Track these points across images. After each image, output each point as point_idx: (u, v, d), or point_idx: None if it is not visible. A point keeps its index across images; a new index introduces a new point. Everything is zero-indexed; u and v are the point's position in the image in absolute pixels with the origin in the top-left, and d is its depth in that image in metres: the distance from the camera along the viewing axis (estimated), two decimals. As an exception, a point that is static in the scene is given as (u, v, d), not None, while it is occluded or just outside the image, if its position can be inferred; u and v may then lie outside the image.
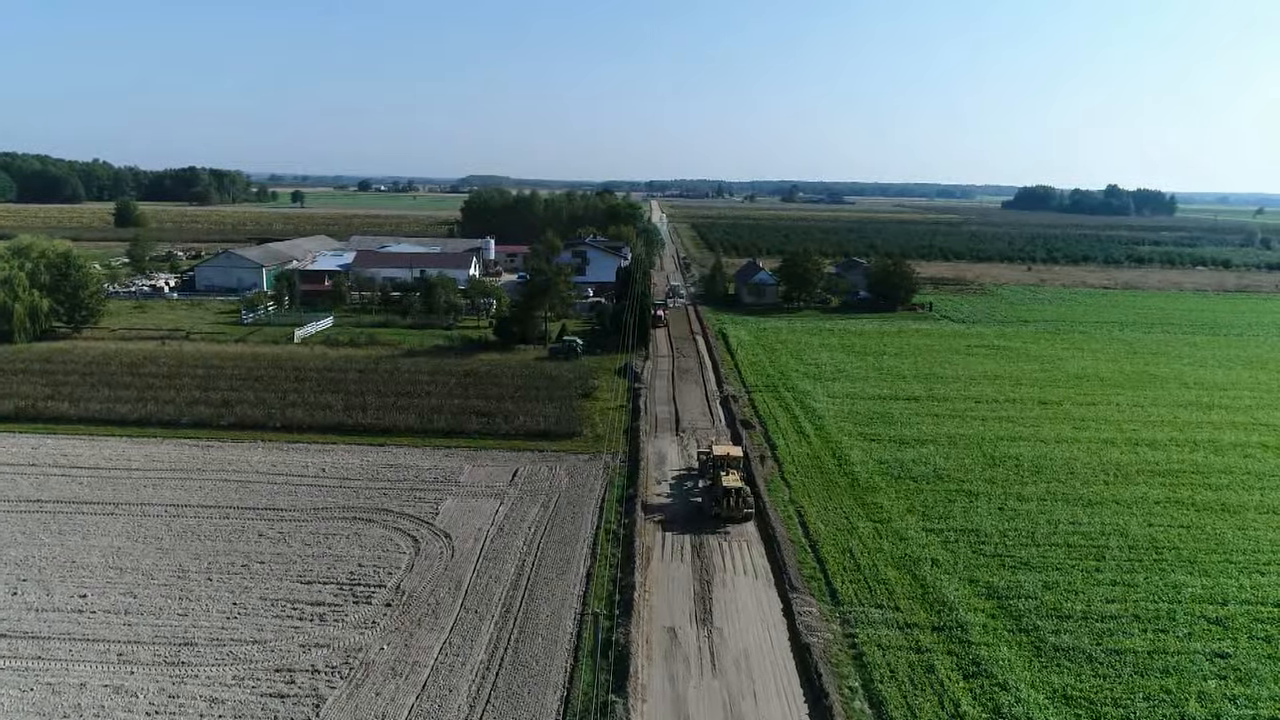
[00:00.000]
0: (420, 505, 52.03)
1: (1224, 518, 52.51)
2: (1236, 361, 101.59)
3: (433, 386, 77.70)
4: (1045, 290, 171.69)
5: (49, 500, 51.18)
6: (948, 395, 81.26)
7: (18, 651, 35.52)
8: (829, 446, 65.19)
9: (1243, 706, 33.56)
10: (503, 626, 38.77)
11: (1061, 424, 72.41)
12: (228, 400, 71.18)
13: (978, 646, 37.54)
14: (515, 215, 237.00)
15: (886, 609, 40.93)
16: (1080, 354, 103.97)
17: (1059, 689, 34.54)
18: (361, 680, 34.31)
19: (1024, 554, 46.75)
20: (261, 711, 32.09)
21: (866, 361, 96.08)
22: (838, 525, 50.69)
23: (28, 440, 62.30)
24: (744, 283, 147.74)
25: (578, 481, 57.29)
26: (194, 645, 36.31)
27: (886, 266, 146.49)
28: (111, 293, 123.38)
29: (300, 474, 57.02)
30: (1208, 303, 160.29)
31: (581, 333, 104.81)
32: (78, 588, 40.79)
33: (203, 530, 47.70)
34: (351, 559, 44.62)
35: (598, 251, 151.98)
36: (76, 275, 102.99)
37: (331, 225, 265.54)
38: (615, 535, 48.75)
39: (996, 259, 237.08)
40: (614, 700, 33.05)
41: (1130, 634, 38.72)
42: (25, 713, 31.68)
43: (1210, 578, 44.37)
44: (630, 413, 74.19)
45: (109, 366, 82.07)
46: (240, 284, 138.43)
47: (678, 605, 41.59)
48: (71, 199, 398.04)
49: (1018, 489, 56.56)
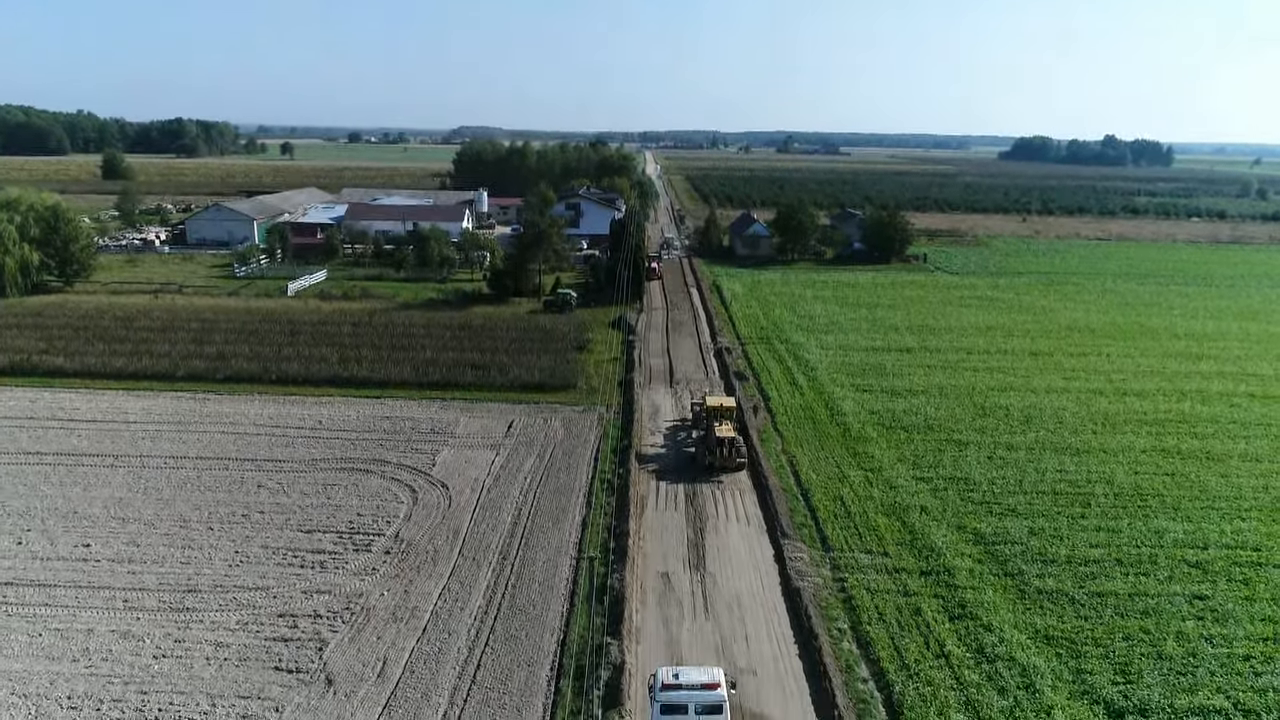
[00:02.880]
0: (417, 456, 52.65)
1: (1208, 466, 53.47)
2: (1227, 313, 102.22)
3: (427, 339, 77.92)
4: (1039, 242, 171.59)
5: (48, 452, 51.65)
6: (940, 346, 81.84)
7: (25, 599, 36.25)
8: (821, 397, 65.85)
9: (1218, 645, 34.65)
10: (500, 573, 39.62)
11: (1052, 374, 73.15)
12: (223, 354, 71.40)
13: (963, 590, 38.54)
14: (508, 167, 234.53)
15: (876, 554, 41.87)
16: (1072, 305, 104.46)
17: (1041, 630, 35.58)
18: (363, 625, 35.17)
19: (1011, 501, 47.69)
20: (266, 655, 32.95)
21: (860, 313, 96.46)
22: (829, 474, 51.52)
23: (24, 394, 62.58)
24: (738, 235, 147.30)
25: (573, 433, 57.93)
26: (198, 592, 37.09)
27: (881, 218, 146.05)
28: (102, 246, 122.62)
29: (297, 426, 57.52)
30: (1201, 254, 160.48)
31: (575, 285, 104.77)
32: (81, 537, 41.44)
33: (202, 481, 48.30)
34: (350, 509, 45.32)
35: (591, 204, 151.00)
36: (66, 229, 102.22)
37: (322, 178, 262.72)
38: (610, 484, 49.51)
39: (991, 210, 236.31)
40: (609, 642, 33.99)
41: (1112, 577, 39.75)
42: (35, 657, 32.49)
43: (1192, 523, 45.39)
44: (624, 365, 74.68)
45: (102, 320, 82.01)
46: (231, 237, 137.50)
47: (671, 551, 42.48)
48: (57, 151, 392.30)
49: (1007, 438, 57.39)
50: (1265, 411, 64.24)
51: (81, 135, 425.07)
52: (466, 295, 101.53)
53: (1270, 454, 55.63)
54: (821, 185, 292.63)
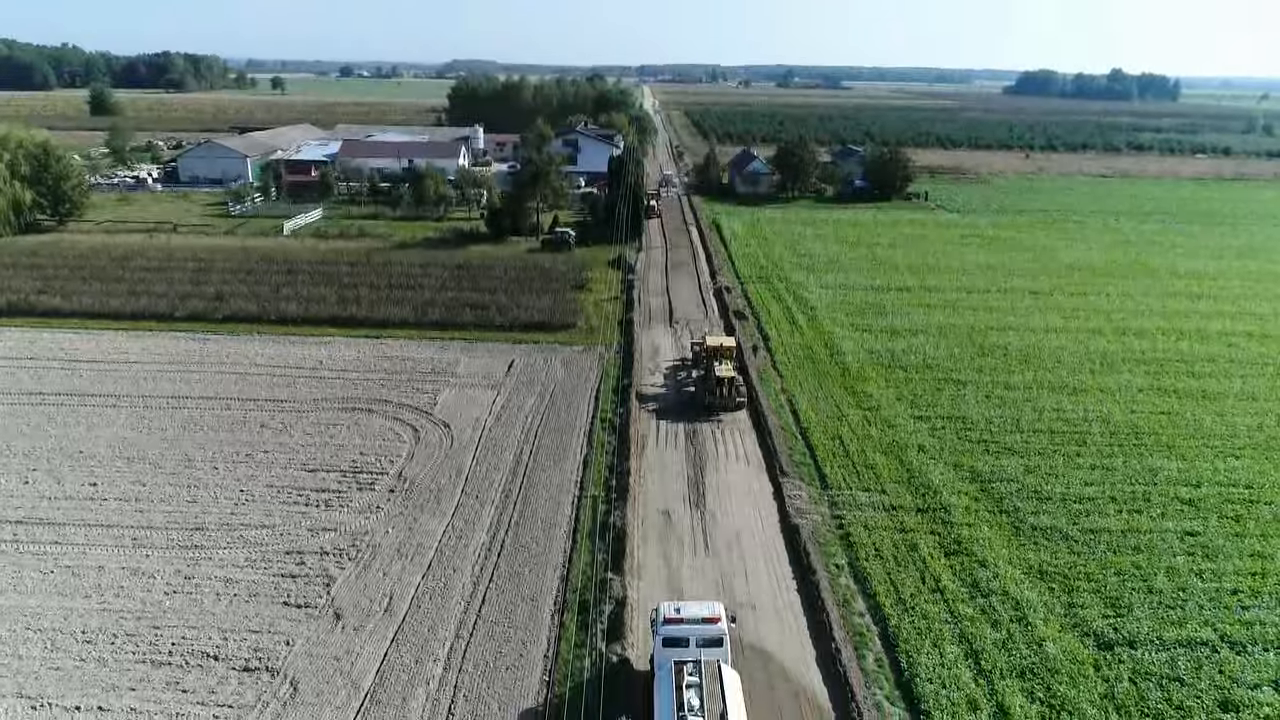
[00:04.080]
0: (418, 396, 52.89)
1: (1204, 404, 53.85)
2: (1229, 251, 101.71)
3: (425, 279, 77.56)
4: (1042, 179, 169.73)
5: (50, 393, 51.81)
6: (940, 286, 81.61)
7: (35, 537, 36.78)
8: (821, 337, 65.92)
9: (1208, 580, 35.39)
10: (503, 511, 40.17)
11: (1051, 314, 73.12)
12: (221, 294, 71.11)
13: (959, 527, 39.17)
14: (503, 103, 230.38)
15: (873, 492, 42.44)
16: (1073, 244, 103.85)
17: (1035, 565, 36.28)
18: (369, 562, 35.78)
19: (1008, 440, 48.13)
20: (275, 590, 33.60)
21: (860, 252, 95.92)
22: (828, 413, 51.87)
23: (23, 334, 62.50)
24: (738, 172, 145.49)
25: (573, 372, 58.11)
26: (205, 530, 37.62)
27: (882, 155, 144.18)
28: (94, 185, 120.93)
29: (298, 366, 57.62)
30: (1205, 191, 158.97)
31: (574, 224, 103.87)
32: (87, 477, 41.85)
33: (205, 421, 48.58)
34: (353, 448, 45.70)
35: (589, 140, 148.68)
36: (57, 167, 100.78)
37: (315, 113, 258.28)
38: (610, 424, 49.86)
39: (995, 146, 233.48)
40: (611, 578, 34.66)
41: (1106, 514, 40.37)
42: (48, 593, 33.11)
43: (1186, 461, 45.91)
44: (624, 304, 74.53)
45: (98, 260, 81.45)
46: (225, 175, 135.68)
47: (672, 490, 43.02)
48: (42, 86, 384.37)
49: (1005, 378, 57.65)
50: (1263, 351, 64.44)
51: (67, 69, 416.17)
52: (464, 234, 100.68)
53: (1266, 393, 56.00)
54: (822, 121, 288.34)
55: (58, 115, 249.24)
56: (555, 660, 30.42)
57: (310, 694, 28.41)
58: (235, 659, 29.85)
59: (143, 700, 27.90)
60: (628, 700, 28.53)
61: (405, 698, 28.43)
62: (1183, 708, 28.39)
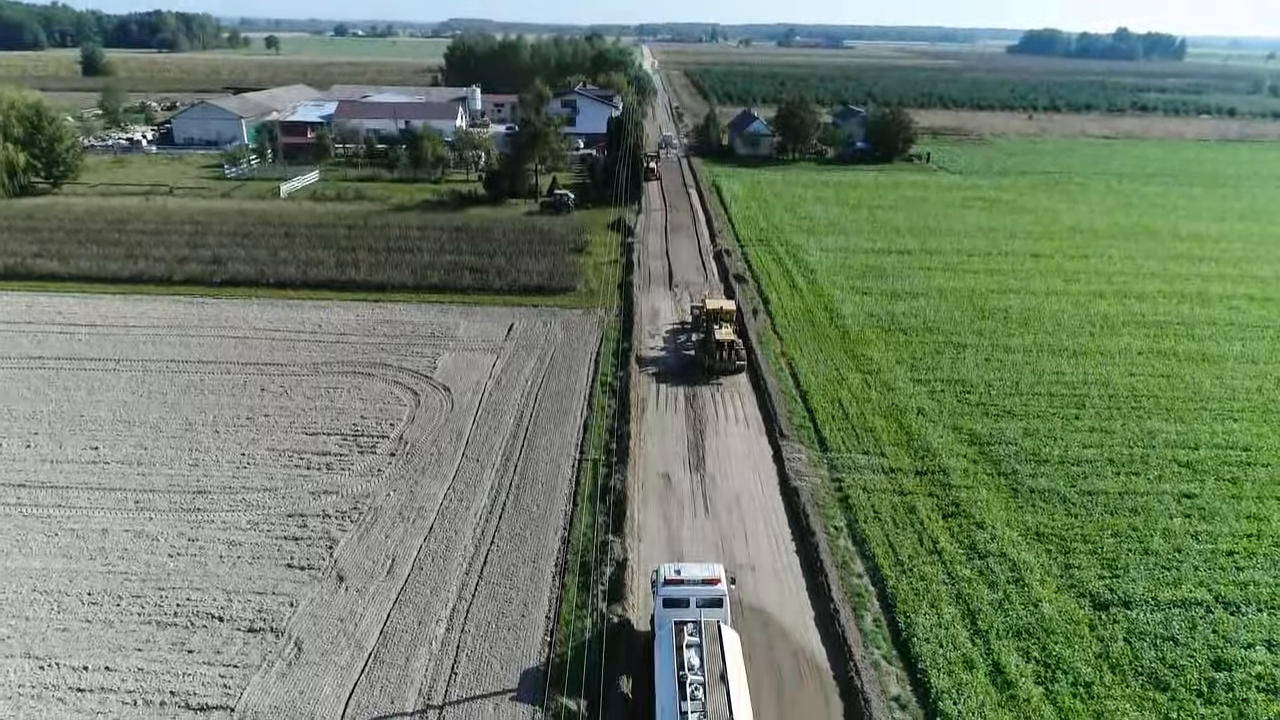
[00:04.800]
0: (418, 360, 52.86)
1: (1203, 367, 53.89)
2: (1231, 213, 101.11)
3: (424, 242, 77.13)
4: (1045, 141, 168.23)
5: (50, 357, 51.75)
6: (941, 248, 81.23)
7: (38, 500, 36.96)
8: (821, 300, 65.75)
9: (1204, 542, 35.67)
10: (504, 474, 40.34)
11: (1052, 277, 72.86)
12: (218, 257, 70.74)
13: (958, 489, 39.38)
14: (501, 62, 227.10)
15: (872, 455, 42.60)
16: (1076, 206, 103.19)
17: (1032, 527, 36.54)
18: (371, 524, 36.01)
19: (1007, 403, 48.22)
20: (278, 553, 33.86)
21: (860, 214, 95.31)
22: (828, 376, 51.90)
23: (21, 298, 62.27)
24: (738, 133, 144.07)
25: (573, 336, 58.02)
26: (207, 493, 37.81)
27: (884, 116, 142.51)
28: (88, 146, 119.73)
29: (297, 330, 57.51)
30: (1209, 153, 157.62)
31: (573, 186, 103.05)
32: (89, 440, 41.95)
33: (205, 385, 48.59)
34: (354, 411, 45.77)
35: (588, 101, 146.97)
36: (50, 128, 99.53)
37: (310, 74, 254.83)
38: (610, 387, 49.90)
39: (997, 107, 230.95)
40: (612, 540, 34.91)
41: (1104, 477, 40.58)
42: (53, 555, 33.36)
43: (1185, 424, 46.05)
44: (623, 267, 74.21)
45: (94, 223, 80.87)
46: (220, 137, 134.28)
47: (672, 453, 43.18)
48: (33, 46, 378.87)
49: (1005, 341, 57.61)
50: (1263, 314, 64.35)
51: (57, 28, 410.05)
52: (462, 196, 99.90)
53: (1266, 356, 56.02)
54: (824, 81, 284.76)
55: (49, 76, 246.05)
56: (557, 621, 30.75)
57: (315, 654, 28.76)
58: (240, 620, 30.16)
59: (149, 660, 28.24)
60: (628, 660, 28.93)
61: (408, 658, 28.79)
62: (1176, 667, 28.77)
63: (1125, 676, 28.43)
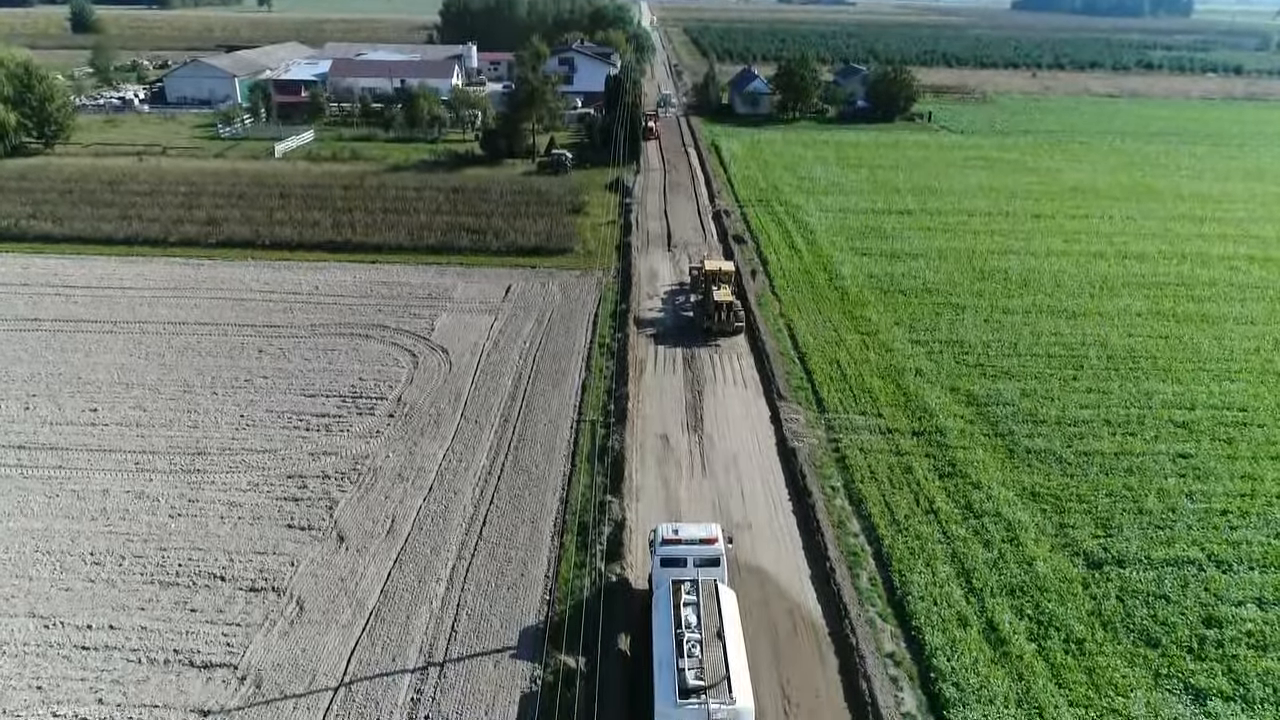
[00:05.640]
0: (416, 321, 52.74)
1: (1202, 328, 53.85)
2: (1235, 173, 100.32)
3: (420, 203, 76.53)
4: (1049, 99, 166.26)
5: (47, 319, 51.59)
6: (941, 209, 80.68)
7: (38, 462, 37.09)
8: (820, 260, 65.44)
9: (1198, 501, 35.93)
10: (502, 435, 40.47)
11: (1053, 237, 72.47)
12: (213, 218, 70.21)
13: (954, 449, 39.55)
14: (497, 19, 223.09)
15: (870, 416, 42.72)
16: (1078, 166, 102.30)
17: (1028, 487, 36.77)
18: (371, 485, 36.20)
19: (1005, 364, 48.24)
20: (278, 513, 34.07)
21: (861, 174, 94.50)
22: (826, 338, 51.85)
23: (15, 260, 61.90)
24: (738, 91, 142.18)
25: (571, 297, 57.84)
26: (207, 454, 37.93)
27: (886, 74, 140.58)
28: (80, 106, 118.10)
29: (294, 291, 57.29)
30: (1213, 111, 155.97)
31: (570, 146, 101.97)
32: (87, 402, 41.99)
33: (203, 347, 48.52)
34: (352, 373, 45.77)
35: (586, 59, 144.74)
36: (41, 87, 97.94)
37: (303, 31, 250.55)
38: (609, 348, 49.86)
39: (1001, 65, 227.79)
40: (610, 500, 35.15)
41: (1100, 437, 40.74)
42: (55, 516, 33.56)
43: (1182, 385, 46.13)
44: (621, 228, 73.76)
45: (88, 184, 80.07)
46: (213, 96, 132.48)
47: (670, 414, 43.28)
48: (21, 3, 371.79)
49: (1004, 302, 57.47)
50: (1264, 274, 64.14)
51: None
52: (458, 156, 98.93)
53: (1265, 317, 55.95)
54: (825, 39, 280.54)
55: (39, 33, 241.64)
56: (555, 580, 31.05)
57: (316, 613, 29.07)
58: (242, 579, 30.45)
59: (152, 619, 28.54)
60: (626, 618, 29.27)
61: (409, 616, 29.11)
62: (1167, 624, 29.14)
63: (1117, 634, 28.80)
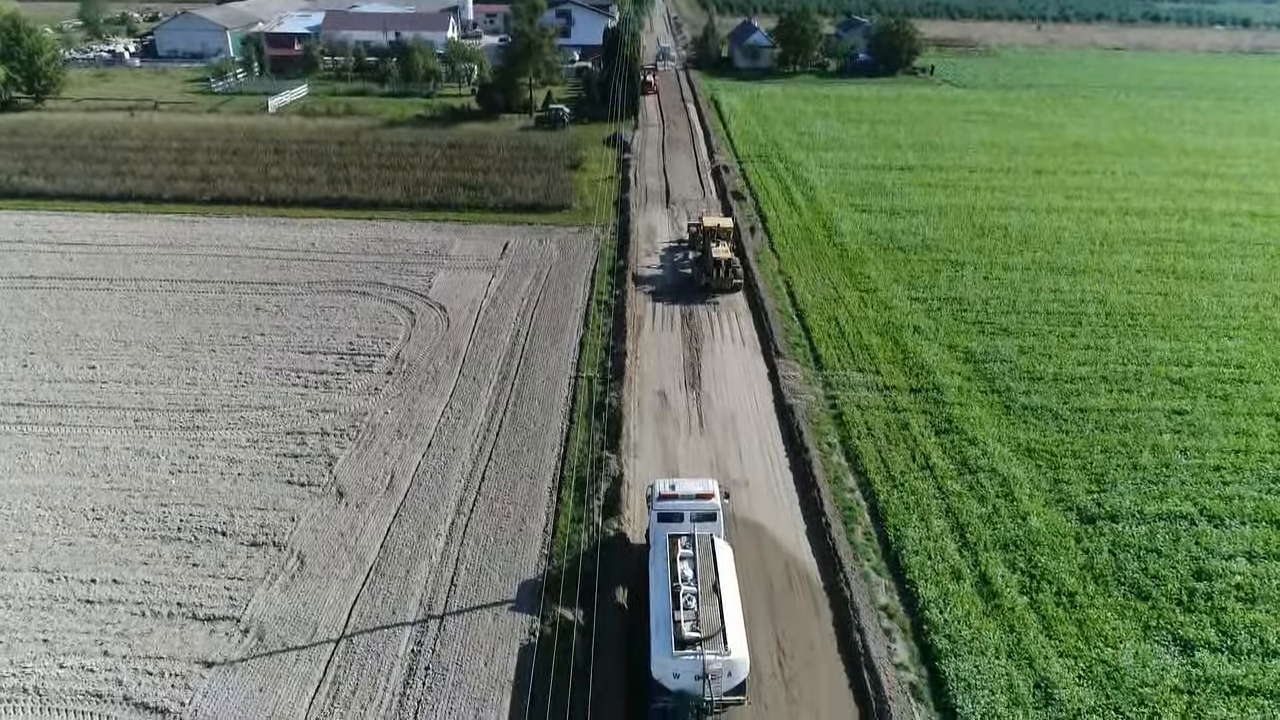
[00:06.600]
0: (413, 278, 52.54)
1: (1202, 285, 53.69)
2: (1239, 128, 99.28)
3: (416, 159, 75.78)
4: (1053, 52, 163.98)
5: (42, 276, 51.36)
6: (942, 165, 79.95)
7: (38, 419, 37.20)
8: (820, 217, 65.01)
9: (1192, 457, 36.15)
10: (501, 392, 40.56)
11: (1054, 193, 71.93)
12: (207, 175, 69.60)
13: (951, 406, 39.67)
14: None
15: (867, 373, 42.78)
16: (1081, 120, 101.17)
17: (1023, 443, 36.96)
18: (369, 441, 36.37)
19: (1004, 321, 48.18)
20: (278, 470, 34.28)
21: (862, 130, 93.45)
22: (825, 295, 51.71)
23: (9, 217, 61.44)
24: (738, 45, 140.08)
25: (568, 254, 57.56)
26: (206, 411, 38.05)
27: (888, 27, 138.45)
28: (69, 60, 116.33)
29: (290, 248, 56.97)
30: (1219, 65, 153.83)
31: (568, 100, 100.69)
32: (85, 360, 41.98)
33: (200, 304, 48.39)
34: (349, 330, 45.72)
35: (583, 10, 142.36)
36: (29, 41, 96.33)
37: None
38: (606, 305, 49.76)
39: (1005, 17, 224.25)
40: (608, 456, 35.34)
41: (1096, 394, 40.85)
42: (55, 472, 33.76)
43: (1180, 342, 46.13)
44: (620, 184, 73.15)
45: (79, 140, 79.13)
46: (204, 49, 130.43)
47: (668, 371, 43.34)
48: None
49: (1004, 258, 57.21)
50: (1265, 231, 63.79)
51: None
52: (455, 111, 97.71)
53: (1265, 274, 55.77)
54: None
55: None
56: (554, 535, 31.35)
57: (317, 567, 29.40)
58: (243, 535, 30.73)
59: (155, 574, 28.86)
60: (624, 572, 29.62)
61: (409, 570, 29.45)
62: (1158, 577, 29.49)
63: (1108, 586, 29.17)
